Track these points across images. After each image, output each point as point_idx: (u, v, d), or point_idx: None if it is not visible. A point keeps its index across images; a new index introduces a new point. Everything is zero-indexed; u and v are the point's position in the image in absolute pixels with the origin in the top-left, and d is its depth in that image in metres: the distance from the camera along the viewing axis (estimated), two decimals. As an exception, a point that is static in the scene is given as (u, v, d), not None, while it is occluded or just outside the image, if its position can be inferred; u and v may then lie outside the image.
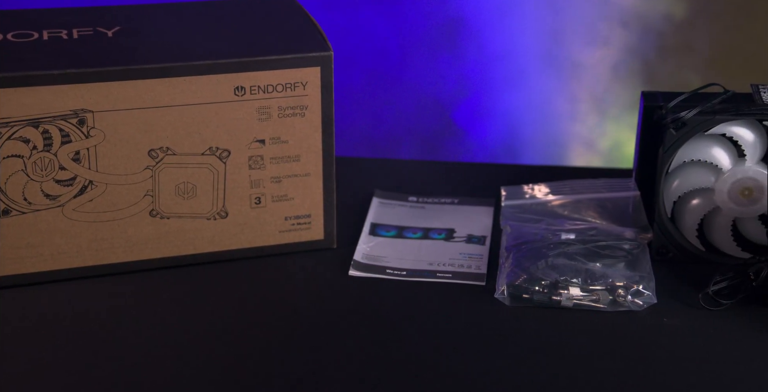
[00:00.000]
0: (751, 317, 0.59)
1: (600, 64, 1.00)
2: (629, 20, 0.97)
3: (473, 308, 0.62)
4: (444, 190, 0.78)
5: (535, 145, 1.02)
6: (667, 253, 0.66)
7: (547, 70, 1.00)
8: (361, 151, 1.00)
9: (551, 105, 1.01)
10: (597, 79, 0.99)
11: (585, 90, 1.00)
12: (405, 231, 0.73)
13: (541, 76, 1.00)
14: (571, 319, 0.60)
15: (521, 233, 0.69)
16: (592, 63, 1.00)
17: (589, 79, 1.00)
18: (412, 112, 1.01)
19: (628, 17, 0.97)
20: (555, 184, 0.74)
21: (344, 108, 1.02)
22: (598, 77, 0.99)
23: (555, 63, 1.00)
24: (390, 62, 1.00)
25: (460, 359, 0.57)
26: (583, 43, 0.99)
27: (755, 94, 0.63)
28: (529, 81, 1.00)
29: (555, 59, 0.99)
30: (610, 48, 0.98)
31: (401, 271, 0.67)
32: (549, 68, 1.00)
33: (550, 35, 0.98)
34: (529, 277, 0.63)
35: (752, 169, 0.63)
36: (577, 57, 1.00)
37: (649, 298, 0.61)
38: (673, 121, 0.62)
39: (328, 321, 0.62)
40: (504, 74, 1.01)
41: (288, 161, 0.67)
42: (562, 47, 0.99)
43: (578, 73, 0.99)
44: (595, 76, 0.99)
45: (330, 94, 0.66)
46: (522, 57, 1.00)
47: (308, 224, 0.69)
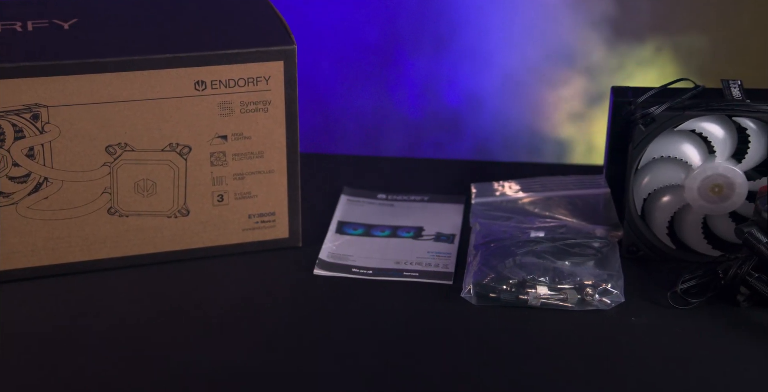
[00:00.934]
0: (720, 316, 0.59)
1: (577, 58, 0.99)
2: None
3: (439, 307, 0.61)
4: (414, 187, 0.77)
5: (507, 141, 1.01)
6: (638, 251, 0.66)
7: (522, 66, 0.99)
8: (331, 147, 0.99)
9: (526, 101, 1.01)
10: (573, 73, 0.98)
11: (560, 85, 1.00)
12: (373, 230, 0.72)
13: (516, 71, 0.99)
14: (538, 319, 0.60)
15: (490, 231, 0.68)
16: (568, 58, 0.99)
17: (564, 73, 1.00)
18: (384, 109, 1.00)
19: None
20: (525, 181, 0.73)
21: (313, 103, 1.02)
22: (573, 71, 0.99)
23: (530, 58, 0.99)
24: (359, 56, 0.99)
25: (424, 359, 0.57)
26: (561, 41, 0.99)
27: (725, 89, 0.63)
28: (503, 77, 1.00)
29: (532, 55, 0.99)
30: (587, 43, 0.98)
31: (367, 270, 0.66)
32: (524, 64, 0.99)
33: (528, 30, 0.98)
34: (496, 276, 0.62)
35: (722, 165, 0.63)
36: (554, 52, 1.00)
37: (617, 297, 0.60)
38: (642, 116, 0.61)
39: (291, 321, 0.61)
40: (477, 70, 1.00)
41: (251, 157, 0.66)
42: (539, 43, 0.99)
43: (553, 67, 0.99)
44: (570, 70, 0.99)
45: (294, 89, 0.65)
46: (499, 54, 0.99)
47: (272, 222, 0.68)
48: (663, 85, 0.63)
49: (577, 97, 1.00)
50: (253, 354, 0.57)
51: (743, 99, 0.61)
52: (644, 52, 0.96)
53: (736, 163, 0.63)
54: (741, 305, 0.59)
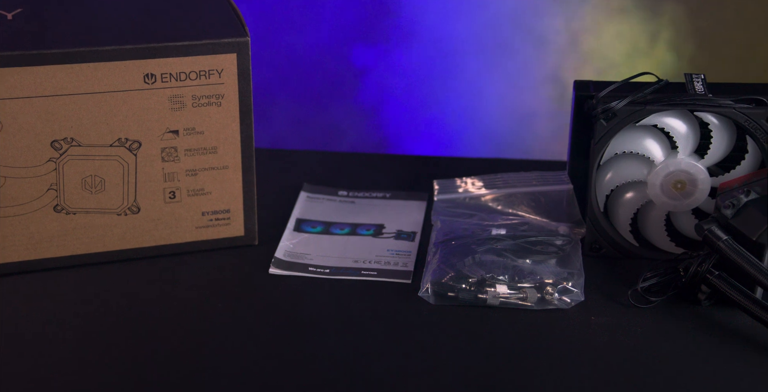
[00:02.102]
0: (681, 314, 0.58)
1: (541, 53, 0.99)
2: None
3: (396, 307, 0.60)
4: (376, 183, 0.77)
5: (470, 136, 1.01)
6: (600, 249, 0.65)
7: (484, 60, 0.99)
8: (291, 142, 0.98)
9: (488, 96, 1.00)
10: (536, 69, 0.98)
11: (524, 80, 0.99)
12: (332, 227, 0.71)
13: (478, 66, 0.99)
14: (496, 318, 0.59)
15: (451, 228, 0.68)
16: (531, 53, 0.99)
17: (528, 68, 0.99)
18: (344, 103, 0.99)
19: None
20: (488, 178, 0.72)
21: (274, 97, 1.00)
22: (537, 67, 0.98)
23: (493, 53, 0.98)
24: (321, 50, 0.98)
25: (377, 360, 0.56)
26: (524, 33, 0.98)
27: (688, 83, 0.62)
28: (466, 72, 0.99)
29: (493, 49, 0.98)
30: (551, 37, 0.97)
31: (324, 269, 0.65)
32: (486, 58, 0.99)
33: (488, 24, 0.97)
34: (455, 275, 0.61)
35: (684, 161, 0.62)
36: (516, 46, 0.99)
37: (577, 296, 0.60)
38: (604, 111, 0.61)
39: (245, 322, 0.59)
40: (440, 65, 0.99)
41: (204, 153, 0.64)
42: (500, 37, 0.98)
43: (517, 63, 0.98)
44: (534, 66, 0.98)
45: (248, 82, 0.63)
46: (459, 47, 0.98)
47: (227, 220, 0.67)
48: (625, 79, 0.63)
49: (543, 91, 0.99)
50: (205, 355, 0.56)
51: (705, 93, 0.61)
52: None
53: (699, 158, 0.63)
54: (702, 303, 0.58)
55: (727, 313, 0.58)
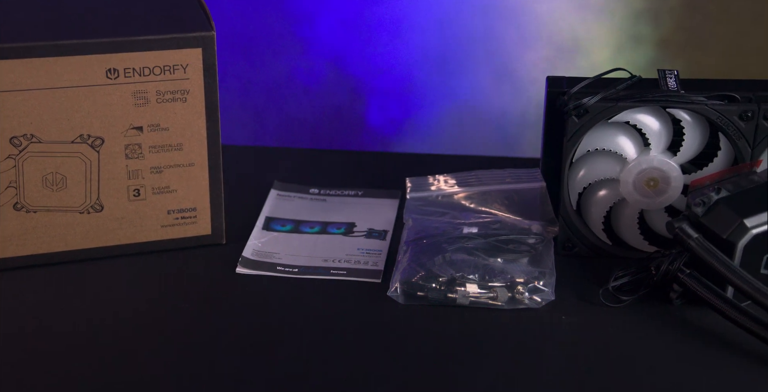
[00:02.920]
0: (652, 313, 0.58)
1: (518, 46, 0.98)
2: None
3: (365, 307, 0.60)
4: (349, 181, 0.76)
5: (445, 133, 1.00)
6: (573, 248, 0.65)
7: (460, 55, 0.98)
8: (262, 139, 0.97)
9: (462, 91, 1.00)
10: (510, 61, 0.97)
11: (497, 74, 0.99)
12: (302, 226, 0.70)
13: (452, 61, 0.98)
14: (466, 318, 0.58)
15: (423, 227, 0.67)
16: (507, 46, 0.98)
17: (502, 62, 0.99)
18: (318, 99, 0.98)
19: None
20: (461, 175, 0.72)
21: (242, 92, 0.99)
22: (511, 59, 0.98)
23: (469, 47, 0.98)
24: (293, 44, 0.97)
25: (345, 361, 0.55)
26: (504, 28, 0.98)
27: (661, 79, 0.62)
28: (440, 66, 0.99)
29: (469, 43, 0.98)
30: (526, 31, 0.97)
31: (293, 268, 0.65)
32: (462, 53, 0.98)
33: (466, 19, 0.97)
34: (425, 274, 0.61)
35: (657, 158, 0.62)
36: (492, 39, 0.99)
37: (548, 295, 0.59)
38: (575, 107, 0.61)
39: (211, 322, 0.59)
40: (414, 59, 0.99)
41: (169, 150, 0.63)
42: (479, 31, 0.98)
43: (493, 55, 0.98)
44: (508, 58, 0.98)
45: (213, 78, 0.62)
46: (435, 41, 0.98)
47: (194, 218, 0.66)
48: (597, 75, 0.62)
49: (519, 86, 0.99)
50: (170, 356, 0.55)
51: (678, 90, 0.61)
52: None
53: (672, 155, 0.62)
54: (674, 302, 0.58)
55: (699, 312, 0.57)
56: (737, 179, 0.57)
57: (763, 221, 0.54)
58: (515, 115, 0.99)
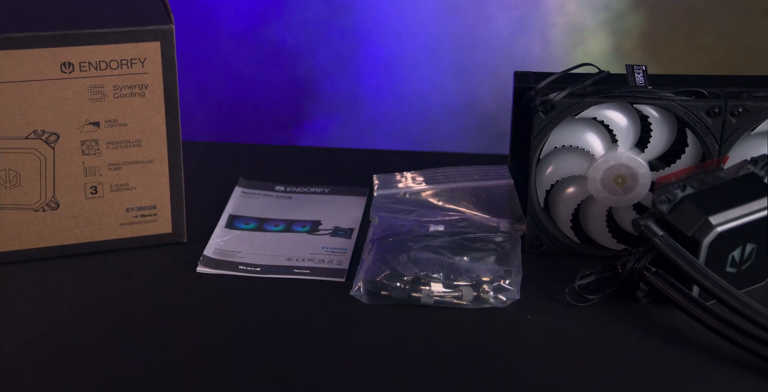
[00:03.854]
0: (619, 312, 0.58)
1: (484, 43, 0.98)
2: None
3: (328, 307, 0.59)
4: (315, 178, 0.75)
5: (413, 130, 1.00)
6: (541, 246, 0.64)
7: (426, 50, 0.98)
8: (228, 135, 0.96)
9: (432, 88, 0.99)
10: (475, 59, 0.97)
11: (461, 70, 0.98)
12: (266, 224, 0.70)
13: (419, 57, 0.98)
14: (430, 317, 0.58)
15: (389, 225, 0.66)
16: (472, 42, 0.98)
17: (468, 58, 0.98)
18: (285, 95, 0.97)
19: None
20: (429, 172, 0.71)
21: (206, 87, 0.98)
22: (476, 57, 0.97)
23: (436, 41, 0.98)
24: (257, 39, 0.96)
25: (307, 362, 0.54)
26: (473, 25, 0.98)
27: (629, 75, 0.62)
28: (409, 63, 0.98)
29: (435, 37, 0.97)
30: (493, 26, 0.96)
31: (255, 267, 0.64)
32: (431, 49, 0.98)
33: (437, 15, 0.96)
34: (390, 272, 0.60)
35: (625, 155, 0.61)
36: (465, 37, 0.98)
37: (513, 294, 0.59)
38: (542, 103, 0.60)
39: (169, 323, 0.58)
40: (382, 54, 0.98)
41: (127, 146, 0.62)
42: (448, 28, 0.97)
43: (458, 52, 0.98)
44: (472, 56, 0.97)
45: (173, 72, 0.62)
46: (403, 35, 0.97)
47: (153, 216, 0.65)
48: (564, 70, 0.62)
49: (484, 81, 0.99)
50: (127, 358, 0.54)
51: (645, 85, 0.60)
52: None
53: (640, 152, 0.62)
54: (641, 301, 0.58)
55: (665, 311, 0.57)
56: (703, 176, 0.56)
57: (728, 218, 0.54)
58: (483, 111, 0.99)
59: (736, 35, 0.95)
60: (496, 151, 0.77)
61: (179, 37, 0.61)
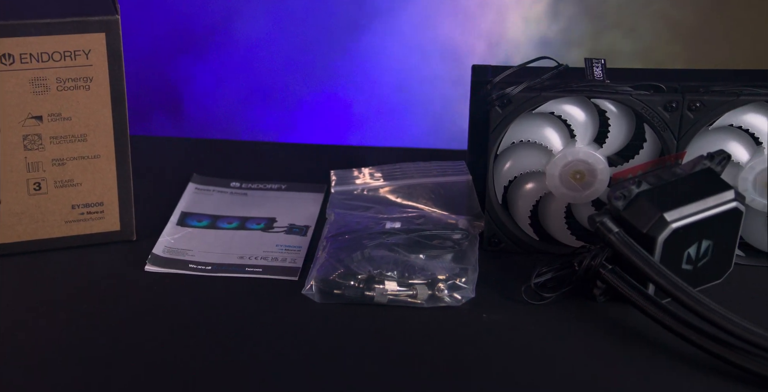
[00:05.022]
0: (575, 311, 0.57)
1: (444, 37, 0.97)
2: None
3: (279, 306, 0.58)
4: (272, 174, 0.74)
5: (373, 125, 0.99)
6: (499, 243, 0.64)
7: (384, 44, 0.97)
8: (183, 130, 0.95)
9: (392, 82, 0.99)
10: (435, 52, 0.97)
11: (422, 64, 0.98)
12: (219, 221, 0.69)
13: (378, 51, 0.97)
14: (384, 317, 0.57)
15: (345, 222, 0.66)
16: (431, 36, 0.98)
17: (426, 52, 0.98)
18: (240, 88, 0.96)
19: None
20: (387, 168, 0.71)
21: (156, 81, 0.97)
22: (436, 50, 0.97)
23: (394, 35, 0.97)
24: (211, 30, 0.95)
25: (255, 363, 0.53)
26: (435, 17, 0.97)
27: (587, 69, 0.61)
28: (366, 56, 0.97)
29: (396, 32, 0.97)
30: (457, 20, 0.96)
31: (206, 266, 0.63)
32: (392, 40, 0.97)
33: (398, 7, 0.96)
34: (344, 271, 0.60)
35: (583, 150, 0.61)
36: (426, 28, 0.98)
37: (468, 292, 0.58)
38: (498, 97, 0.60)
39: (115, 323, 0.57)
40: (340, 48, 0.97)
41: (72, 141, 0.61)
42: (409, 19, 0.97)
43: (416, 45, 0.97)
44: (433, 49, 0.97)
45: (119, 65, 0.60)
46: (365, 27, 0.96)
47: (101, 213, 0.64)
48: (522, 64, 0.62)
49: (445, 74, 0.98)
50: (72, 359, 0.53)
51: (603, 79, 0.60)
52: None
53: (598, 147, 0.62)
54: (598, 299, 0.58)
55: (622, 309, 0.57)
56: (660, 172, 0.56)
57: (683, 215, 0.54)
58: (443, 105, 0.98)
59: (694, 29, 0.95)
60: (455, 146, 0.77)
61: (127, 29, 0.60)
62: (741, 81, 0.59)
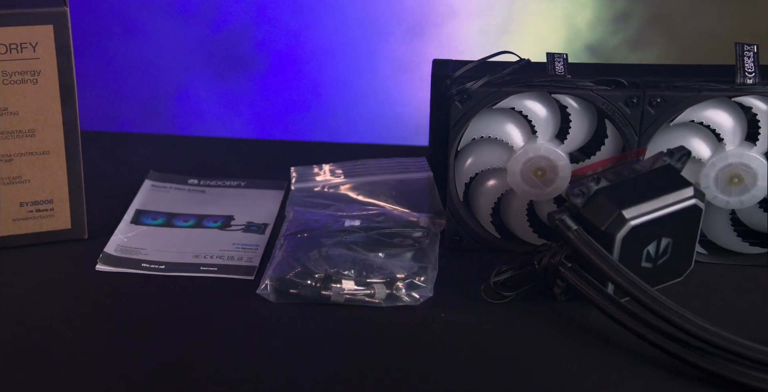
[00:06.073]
0: (535, 310, 0.57)
1: (405, 29, 0.97)
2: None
3: (233, 306, 0.58)
4: (232, 171, 0.74)
5: (336, 120, 0.99)
6: (461, 241, 0.64)
7: (346, 39, 0.97)
8: (140, 125, 0.94)
9: (350, 77, 0.98)
10: (399, 44, 0.96)
11: (386, 59, 0.97)
12: (175, 219, 0.68)
13: (342, 45, 0.96)
14: (340, 316, 0.57)
15: (304, 220, 0.65)
16: (394, 30, 0.97)
17: (389, 47, 0.97)
18: (199, 81, 0.95)
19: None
20: (348, 164, 0.70)
21: (116, 75, 0.95)
22: (399, 42, 0.96)
23: (358, 29, 0.96)
24: (169, 23, 0.94)
25: (206, 365, 0.53)
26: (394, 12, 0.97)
27: (549, 63, 0.61)
28: (329, 53, 0.97)
29: (358, 25, 0.96)
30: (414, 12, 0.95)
31: (159, 265, 0.62)
32: (352, 36, 0.96)
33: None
34: (301, 270, 0.59)
35: (544, 146, 0.61)
36: (385, 24, 0.97)
37: (426, 291, 0.58)
38: (458, 92, 0.59)
39: (64, 325, 0.56)
40: (304, 43, 0.96)
41: (19, 136, 0.60)
42: (367, 16, 0.96)
43: (383, 42, 0.97)
44: (397, 41, 0.96)
45: (68, 58, 0.59)
46: (319, 23, 0.96)
47: (50, 211, 0.63)
48: (483, 58, 0.61)
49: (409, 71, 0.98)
50: (19, 361, 0.52)
51: (564, 74, 0.60)
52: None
53: (560, 143, 0.62)
54: (558, 298, 0.58)
55: (583, 308, 0.57)
56: (620, 168, 0.56)
57: (642, 212, 0.53)
58: (405, 101, 0.98)
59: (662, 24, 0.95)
60: (417, 142, 0.77)
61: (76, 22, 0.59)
62: (703, 76, 0.60)
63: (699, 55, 0.95)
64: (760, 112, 0.59)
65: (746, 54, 0.59)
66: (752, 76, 0.58)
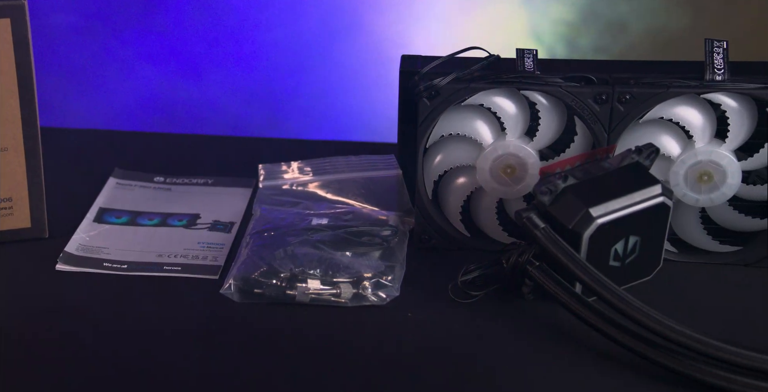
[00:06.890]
0: (503, 309, 0.57)
1: (383, 27, 0.96)
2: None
3: (196, 306, 0.57)
4: (198, 168, 0.73)
5: (307, 117, 0.98)
6: (430, 240, 0.63)
7: (325, 34, 0.96)
8: (104, 121, 0.93)
9: (320, 72, 0.97)
10: (375, 42, 0.96)
11: (355, 54, 0.97)
12: (139, 218, 0.67)
13: (305, 40, 0.96)
14: (304, 316, 0.56)
15: (271, 218, 0.65)
16: (365, 23, 0.96)
17: (361, 41, 0.97)
18: (168, 80, 0.94)
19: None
20: (316, 162, 0.69)
21: (77, 70, 0.94)
22: (376, 41, 0.96)
23: (335, 23, 0.96)
24: (140, 16, 0.93)
25: (167, 366, 0.52)
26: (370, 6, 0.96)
27: (519, 59, 0.61)
28: (305, 48, 0.96)
29: (335, 19, 0.95)
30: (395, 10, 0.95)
31: (122, 265, 0.61)
32: (327, 31, 0.96)
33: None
34: (266, 269, 0.58)
35: (513, 144, 0.61)
36: (359, 18, 0.97)
37: (392, 291, 0.57)
38: (426, 89, 0.59)
39: (22, 325, 0.55)
40: (265, 38, 0.96)
41: (-24, 133, 0.60)
42: (345, 11, 0.96)
43: (352, 34, 0.96)
44: (372, 39, 0.96)
45: (26, 52, 0.58)
46: (291, 17, 0.95)
47: (9, 209, 0.61)
48: (451, 54, 0.61)
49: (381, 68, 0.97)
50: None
51: (534, 71, 0.60)
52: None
53: (529, 141, 0.62)
54: (526, 297, 0.57)
55: (551, 307, 0.56)
56: (588, 166, 0.56)
57: (609, 210, 0.53)
58: (373, 97, 0.97)
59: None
60: (387, 139, 0.76)
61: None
62: (672, 73, 0.60)
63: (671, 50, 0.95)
64: (729, 109, 0.59)
65: (715, 50, 0.59)
66: (721, 73, 0.58)
